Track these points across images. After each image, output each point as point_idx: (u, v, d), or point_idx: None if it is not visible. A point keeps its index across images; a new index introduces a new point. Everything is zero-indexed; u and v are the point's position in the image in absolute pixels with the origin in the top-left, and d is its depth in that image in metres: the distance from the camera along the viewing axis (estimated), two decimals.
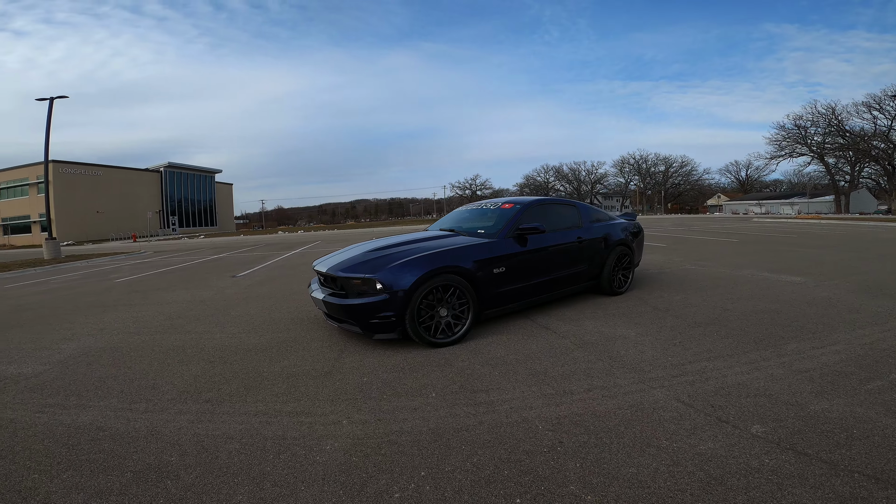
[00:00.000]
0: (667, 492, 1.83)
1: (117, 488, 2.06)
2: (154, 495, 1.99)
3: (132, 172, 64.14)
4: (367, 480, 2.03)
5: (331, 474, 2.10)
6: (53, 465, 2.28)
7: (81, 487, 2.08)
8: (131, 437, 2.55)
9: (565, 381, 3.04)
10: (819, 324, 4.11)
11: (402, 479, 2.02)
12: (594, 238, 5.43)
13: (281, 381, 3.30)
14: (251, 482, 2.06)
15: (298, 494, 1.96)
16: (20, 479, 2.17)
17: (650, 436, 2.29)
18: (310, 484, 2.03)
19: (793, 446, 2.13)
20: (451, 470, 2.07)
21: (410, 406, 2.77)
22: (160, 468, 2.22)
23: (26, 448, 2.48)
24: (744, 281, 6.37)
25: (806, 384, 2.81)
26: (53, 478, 2.17)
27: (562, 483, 1.93)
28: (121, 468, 2.23)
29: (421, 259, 3.89)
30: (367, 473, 2.09)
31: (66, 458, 2.35)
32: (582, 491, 1.87)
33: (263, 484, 2.04)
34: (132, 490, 2.04)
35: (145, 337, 4.79)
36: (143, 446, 2.44)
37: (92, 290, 9.03)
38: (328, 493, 1.96)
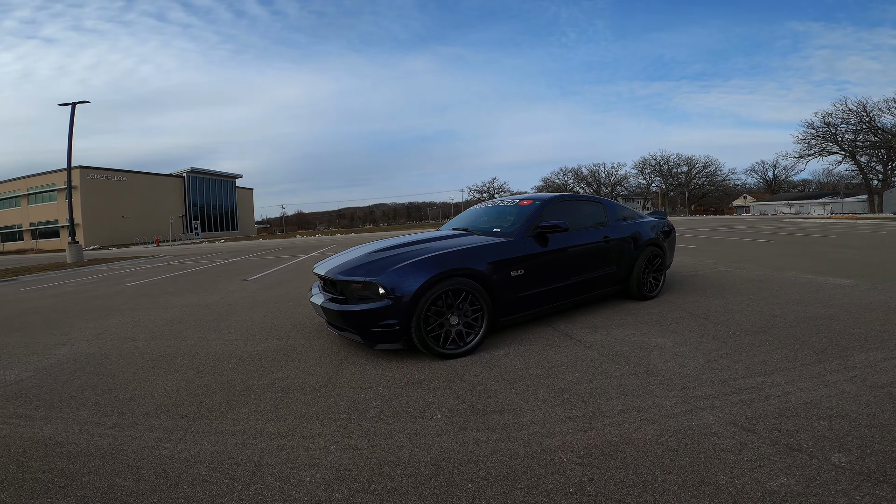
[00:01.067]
0: None
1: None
2: None
3: (156, 178, 65.49)
4: None
5: None
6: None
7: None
8: (89, 455, 2.28)
9: (594, 400, 2.58)
10: (884, 331, 3.58)
11: None
12: (622, 237, 4.94)
13: (269, 395, 2.93)
14: None
15: None
16: None
17: (704, 470, 1.84)
18: None
19: (888, 478, 1.71)
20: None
21: (411, 429, 2.35)
22: (108, 493, 1.93)
23: None
24: (787, 284, 5.79)
25: (887, 402, 2.35)
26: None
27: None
28: (65, 491, 1.96)
29: (429, 260, 3.47)
30: None
31: (10, 476, 2.10)
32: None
33: None
34: None
35: (139, 343, 4.52)
36: (98, 467, 2.16)
37: (103, 293, 8.90)
38: None
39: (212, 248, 30.24)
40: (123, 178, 59.47)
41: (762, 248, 11.01)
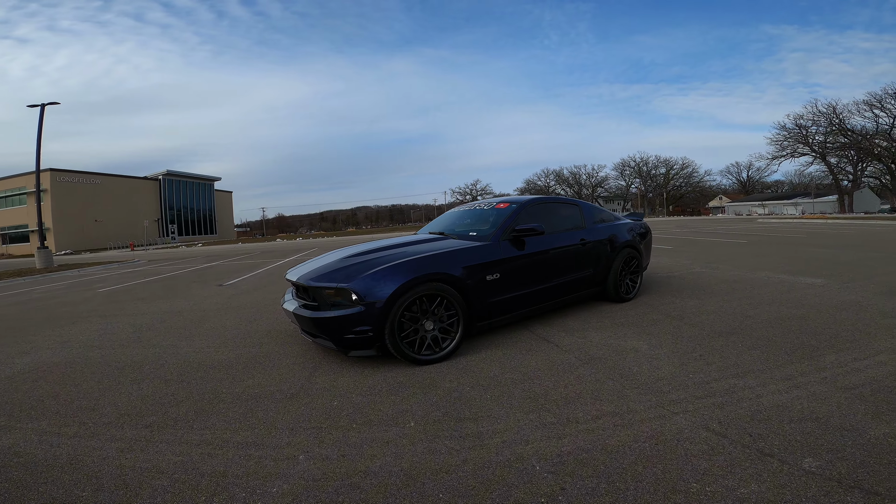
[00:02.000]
0: None
1: None
2: None
3: (131, 181, 63.90)
4: None
5: None
6: None
7: None
8: (47, 465, 2.23)
9: (569, 405, 2.56)
10: (855, 331, 3.65)
11: None
12: (599, 240, 4.96)
13: (239, 403, 2.85)
14: None
15: None
16: None
17: (676, 477, 1.83)
18: None
19: (858, 484, 1.71)
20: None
21: (383, 438, 2.30)
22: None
23: None
24: (761, 284, 5.89)
25: (858, 404, 2.37)
26: None
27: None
28: (21, 500, 1.94)
29: (403, 265, 3.42)
30: None
31: None
32: None
33: None
34: None
35: (106, 351, 4.36)
36: (56, 477, 2.11)
37: (71, 300, 8.60)
38: None
39: (188, 253, 29.60)
40: (97, 180, 57.86)
41: (736, 248, 11.23)
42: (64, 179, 53.42)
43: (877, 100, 41.84)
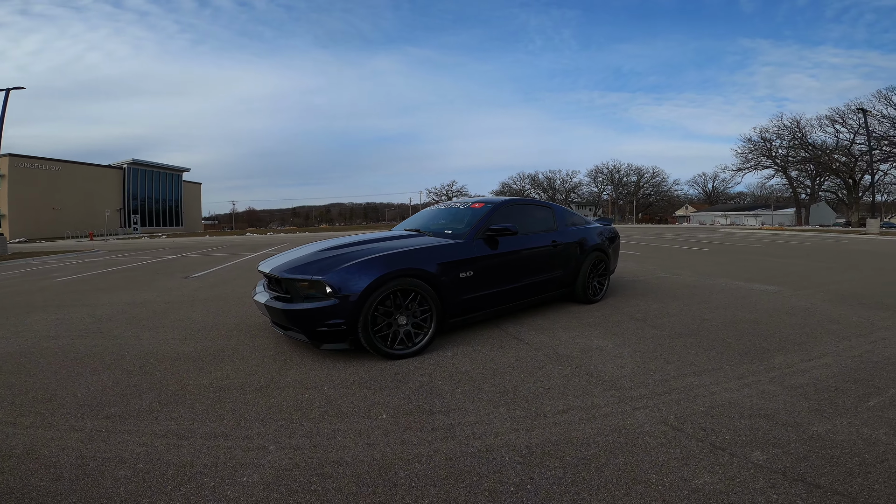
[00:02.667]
0: None
1: None
2: None
3: (93, 169, 61.22)
4: None
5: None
6: None
7: None
8: (1, 455, 2.16)
9: (537, 400, 2.64)
10: (802, 335, 3.89)
11: None
12: (569, 242, 5.10)
13: (207, 395, 2.81)
14: None
15: None
16: None
17: (637, 469, 1.92)
18: None
19: (802, 477, 1.82)
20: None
21: (355, 429, 2.32)
22: (23, 493, 1.85)
23: None
24: (718, 290, 6.17)
25: (802, 402, 2.53)
26: None
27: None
28: None
29: (377, 260, 3.44)
30: None
31: None
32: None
33: None
34: None
35: (63, 341, 4.21)
36: (12, 467, 2.06)
37: (26, 289, 8.22)
38: None
39: (152, 244, 28.62)
40: (56, 167, 55.18)
41: (698, 255, 11.67)
42: (22, 165, 50.80)
43: (839, 115, 43.35)
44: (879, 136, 39.06)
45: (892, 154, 39.78)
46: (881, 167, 41.80)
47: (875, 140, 38.32)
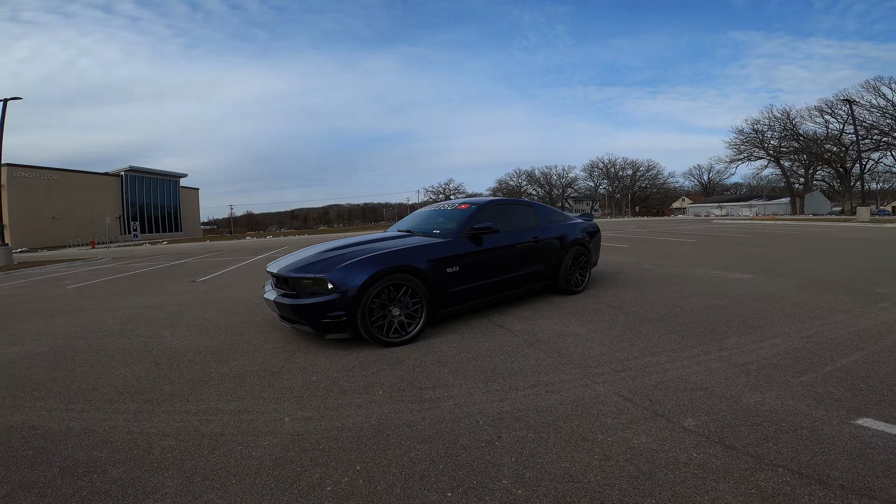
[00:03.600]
0: (596, 486, 1.85)
1: (42, 481, 2.06)
2: (78, 488, 1.99)
3: (91, 177, 61.58)
4: (301, 474, 2.02)
5: (265, 469, 2.09)
6: None
7: (5, 480, 2.08)
8: (63, 435, 2.52)
9: (512, 377, 3.07)
10: (761, 318, 4.25)
11: (337, 473, 2.02)
12: (550, 238, 5.52)
13: (227, 381, 3.24)
14: (181, 476, 2.05)
15: (228, 488, 1.95)
16: None
17: (587, 430, 2.32)
18: (241, 478, 2.02)
19: (722, 440, 2.15)
20: (387, 464, 2.07)
21: (356, 403, 2.75)
22: (89, 463, 2.20)
23: None
24: (696, 279, 6.58)
25: (742, 377, 2.87)
26: None
27: (495, 478, 1.94)
28: (48, 463, 2.22)
29: (372, 258, 3.88)
30: (301, 467, 2.08)
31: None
32: (513, 485, 1.88)
33: (193, 478, 2.04)
34: (56, 483, 2.04)
35: (91, 341, 4.63)
36: (75, 443, 2.41)
37: (41, 296, 8.63)
38: (259, 486, 1.95)
39: (154, 250, 29.04)
40: (55, 176, 55.55)
41: (685, 247, 12.09)
42: (20, 174, 51.16)
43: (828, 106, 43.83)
44: (869, 126, 39.44)
45: (882, 143, 40.14)
46: (872, 156, 42.20)
47: (865, 129, 38.68)
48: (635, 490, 1.82)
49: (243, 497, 1.88)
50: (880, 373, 2.83)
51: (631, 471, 1.95)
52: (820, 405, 2.44)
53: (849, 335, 3.63)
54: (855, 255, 8.79)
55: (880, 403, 2.42)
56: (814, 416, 2.33)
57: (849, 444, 2.05)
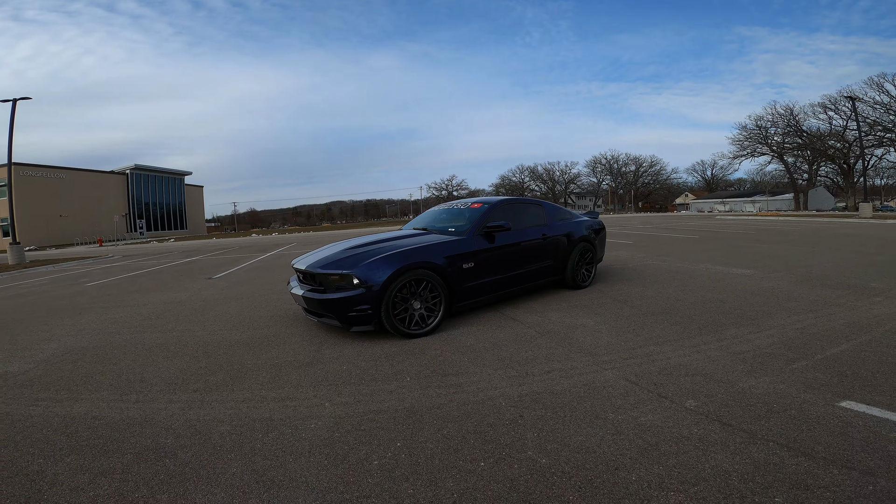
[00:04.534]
0: (609, 455, 2.12)
1: (120, 468, 2.25)
2: (155, 472, 2.20)
3: (97, 175, 61.97)
4: (349, 451, 2.29)
5: (316, 448, 2.35)
6: (55, 451, 2.45)
7: (85, 469, 2.26)
8: (126, 424, 2.74)
9: (528, 364, 3.35)
10: (759, 312, 4.50)
11: (380, 450, 2.29)
12: (558, 235, 5.80)
13: (265, 371, 3.52)
14: (243, 457, 2.29)
15: (287, 465, 2.20)
16: (25, 464, 2.33)
17: (599, 410, 2.59)
18: (297, 456, 2.28)
19: (719, 418, 2.42)
20: (424, 441, 2.35)
21: (387, 389, 3.03)
22: (157, 449, 2.41)
23: (26, 437, 2.64)
24: (698, 274, 6.84)
25: (739, 364, 3.14)
26: (57, 462, 2.34)
27: (521, 449, 2.22)
28: (120, 451, 2.42)
29: (395, 255, 4.17)
30: (348, 446, 2.34)
31: (66, 445, 2.52)
32: (538, 455, 2.16)
33: (254, 458, 2.27)
34: (134, 469, 2.24)
35: (126, 336, 4.90)
36: (139, 431, 2.63)
37: (63, 293, 8.93)
38: (314, 463, 2.21)
39: (162, 248, 29.42)
40: (61, 175, 55.94)
41: (688, 243, 12.33)
42: (27, 174, 51.57)
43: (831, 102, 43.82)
44: (872, 122, 39.46)
45: (885, 139, 40.17)
46: (875, 152, 42.21)
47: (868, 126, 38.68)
48: (644, 458, 2.09)
49: (301, 473, 2.13)
50: (866, 361, 3.08)
51: (640, 443, 2.23)
52: (808, 389, 2.69)
53: (840, 327, 3.87)
54: (854, 252, 8.98)
55: (863, 388, 2.67)
56: (802, 398, 2.58)
57: (832, 423, 2.30)
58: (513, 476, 2.01)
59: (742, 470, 1.96)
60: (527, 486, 1.93)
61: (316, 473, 2.12)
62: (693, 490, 1.85)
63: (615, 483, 1.93)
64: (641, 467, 2.02)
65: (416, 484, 1.99)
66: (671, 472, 1.98)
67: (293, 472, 2.14)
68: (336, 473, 2.11)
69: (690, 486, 1.87)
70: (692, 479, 1.92)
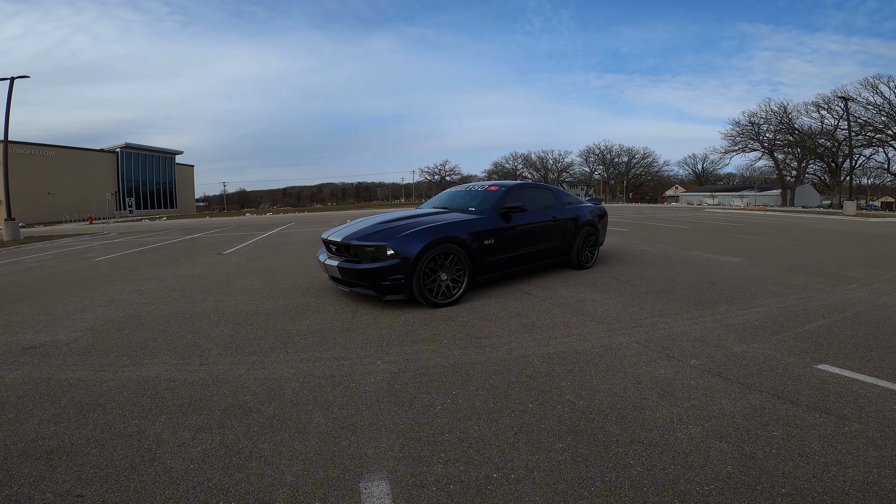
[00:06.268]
0: (635, 399, 2.56)
1: (215, 423, 2.40)
2: (248, 424, 2.38)
3: (87, 153, 60.93)
4: (414, 399, 2.64)
5: (383, 397, 2.67)
6: (146, 412, 2.56)
7: (184, 426, 2.38)
8: (201, 384, 2.90)
9: (549, 330, 3.79)
10: (746, 293, 4.99)
11: (440, 396, 2.66)
12: (566, 218, 6.24)
13: (310, 336, 3.85)
14: (321, 408, 2.54)
15: (363, 413, 2.49)
16: (123, 426, 2.40)
17: (618, 365, 3.04)
18: (369, 405, 2.57)
19: (719, 373, 2.89)
20: (475, 389, 2.74)
21: (429, 349, 3.43)
22: (241, 406, 2.60)
23: (110, 401, 2.72)
24: (690, 260, 7.33)
25: (731, 334, 3.62)
26: (153, 421, 2.45)
27: (559, 395, 2.64)
28: (207, 408, 2.58)
29: (426, 230, 4.58)
30: (411, 395, 2.69)
31: (154, 406, 2.63)
32: (575, 399, 2.58)
33: (331, 409, 2.53)
34: (228, 423, 2.40)
35: (160, 306, 5.06)
36: (216, 391, 2.80)
37: (75, 268, 8.94)
38: (385, 409, 2.52)
39: (156, 226, 29.31)
40: (50, 153, 55.04)
41: (679, 232, 12.88)
42: (16, 151, 50.57)
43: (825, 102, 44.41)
44: (864, 122, 40.29)
45: (875, 139, 41.09)
46: (864, 152, 43.18)
47: (859, 126, 39.51)
48: (663, 401, 2.54)
49: (378, 418, 2.42)
50: (840, 334, 3.57)
51: (657, 390, 2.67)
52: (790, 354, 3.18)
53: (818, 307, 4.37)
54: (836, 245, 9.56)
55: (836, 355, 3.16)
56: (786, 361, 3.06)
57: (811, 380, 2.77)
58: (558, 414, 2.43)
59: (744, 411, 2.41)
60: (572, 421, 2.36)
61: (391, 417, 2.42)
62: (707, 425, 2.29)
63: (644, 418, 2.36)
64: (663, 408, 2.46)
65: (479, 422, 2.38)
66: (687, 411, 2.42)
67: (370, 417, 2.42)
68: (408, 416, 2.43)
69: (704, 422, 2.31)
70: (705, 416, 2.37)
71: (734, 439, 2.14)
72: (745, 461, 1.97)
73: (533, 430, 2.27)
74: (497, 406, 2.54)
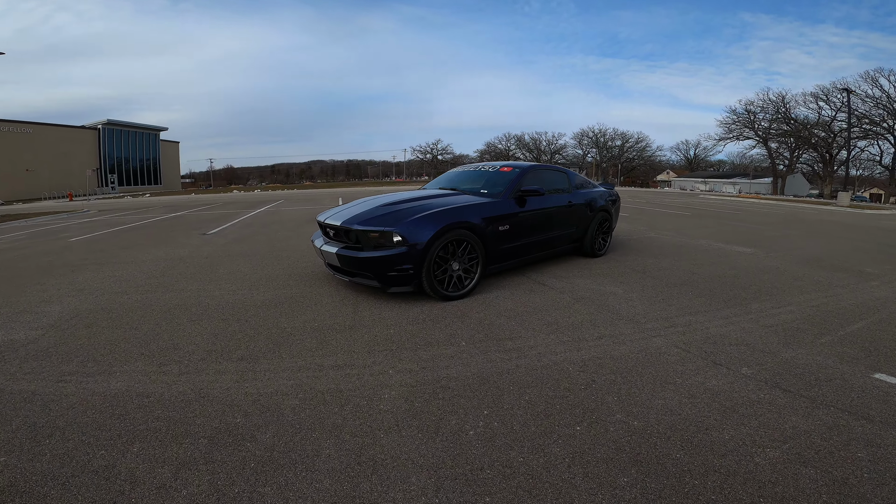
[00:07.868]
0: (695, 418, 2.20)
1: (200, 456, 1.95)
2: (242, 459, 1.93)
3: (67, 130, 58.78)
4: (440, 422, 2.20)
5: (402, 420, 2.22)
6: (115, 439, 2.09)
7: (162, 460, 1.93)
8: (180, 401, 2.41)
9: (576, 329, 3.39)
10: (773, 288, 4.66)
11: (471, 418, 2.23)
12: (581, 203, 5.81)
13: (307, 336, 3.33)
14: (330, 435, 2.09)
15: (381, 442, 2.04)
16: (88, 458, 1.96)
17: (665, 375, 2.66)
18: (387, 430, 2.12)
19: (778, 385, 2.55)
20: (510, 407, 2.33)
21: (447, 354, 2.99)
22: (232, 431, 2.13)
23: (71, 423, 2.24)
24: (702, 250, 6.99)
25: (773, 336, 3.28)
26: (124, 452, 1.99)
27: (608, 413, 2.26)
28: (190, 435, 2.10)
29: (438, 214, 4.08)
30: (435, 416, 2.25)
31: (124, 430, 2.16)
32: (628, 418, 2.20)
33: (343, 436, 2.08)
34: (216, 457, 1.95)
35: (135, 296, 4.50)
36: (200, 410, 2.32)
37: (48, 249, 8.31)
38: (407, 436, 2.08)
39: (138, 203, 28.30)
40: (28, 129, 53.09)
41: (682, 219, 12.56)
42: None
43: (824, 93, 44.36)
44: (860, 115, 40.38)
45: (871, 132, 41.28)
46: (859, 144, 43.38)
47: (856, 118, 39.52)
48: (728, 420, 2.18)
49: (401, 449, 1.99)
50: (883, 339, 3.27)
51: (717, 406, 2.30)
52: (843, 362, 2.87)
53: (850, 307, 4.05)
54: (838, 237, 9.29)
55: (887, 363, 2.86)
56: (841, 370, 2.75)
57: (874, 392, 2.46)
58: (613, 438, 2.04)
59: (819, 430, 2.08)
60: (631, 447, 1.97)
61: (416, 448, 2.00)
62: (785, 447, 1.95)
63: (712, 441, 2.00)
64: (729, 427, 2.10)
65: (523, 451, 1.98)
66: (758, 431, 2.07)
67: (391, 448, 1.99)
68: (437, 446, 2.01)
69: (781, 444, 1.97)
70: (779, 437, 2.02)
71: (819, 464, 1.85)
72: (838, 488, 1.71)
73: (588, 461, 1.89)
74: (540, 430, 2.13)
